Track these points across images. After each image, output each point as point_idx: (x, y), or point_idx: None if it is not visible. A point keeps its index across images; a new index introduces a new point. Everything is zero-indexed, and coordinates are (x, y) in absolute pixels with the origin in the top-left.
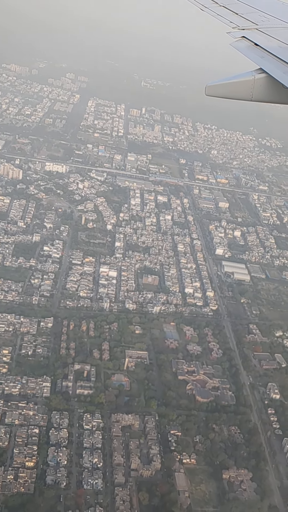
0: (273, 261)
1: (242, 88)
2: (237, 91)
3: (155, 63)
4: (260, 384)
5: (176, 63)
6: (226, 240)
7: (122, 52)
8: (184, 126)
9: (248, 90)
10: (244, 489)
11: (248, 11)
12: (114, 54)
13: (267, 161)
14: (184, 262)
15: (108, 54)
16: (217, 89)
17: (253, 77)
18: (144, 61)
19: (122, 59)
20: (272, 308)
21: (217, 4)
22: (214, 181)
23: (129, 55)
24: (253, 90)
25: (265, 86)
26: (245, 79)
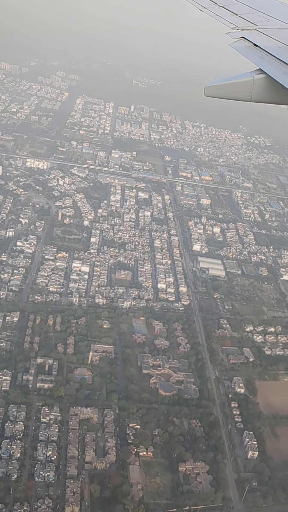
0: (251, 257)
1: (241, 88)
2: (236, 91)
3: (150, 62)
4: (226, 378)
5: (172, 62)
6: (204, 236)
7: (117, 51)
8: (173, 124)
9: (247, 90)
10: (200, 481)
11: (247, 11)
12: (109, 53)
13: (254, 158)
14: (160, 257)
15: (102, 53)
16: (216, 90)
17: (252, 78)
18: (138, 60)
19: (115, 58)
20: (245, 303)
21: (216, 4)
22: (198, 178)
23: (124, 54)
24: (252, 90)
25: (265, 87)
26: (244, 79)
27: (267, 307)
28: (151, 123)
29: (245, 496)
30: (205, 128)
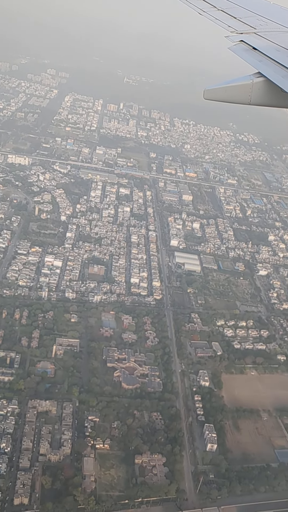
0: (228, 253)
1: (241, 92)
2: (236, 95)
3: (144, 62)
4: (192, 371)
5: (166, 63)
6: (183, 232)
7: (112, 51)
8: (161, 121)
9: (246, 94)
10: (155, 473)
11: (246, 15)
12: (103, 52)
13: (241, 155)
14: (135, 252)
15: (97, 52)
16: (215, 93)
17: (251, 81)
18: (133, 60)
19: (109, 57)
20: (219, 298)
21: (215, 8)
22: (182, 174)
23: (119, 54)
24: (251, 94)
25: (264, 90)
26: (243, 83)
27: (240, 301)
28: (139, 121)
29: (200, 488)
30: (194, 126)
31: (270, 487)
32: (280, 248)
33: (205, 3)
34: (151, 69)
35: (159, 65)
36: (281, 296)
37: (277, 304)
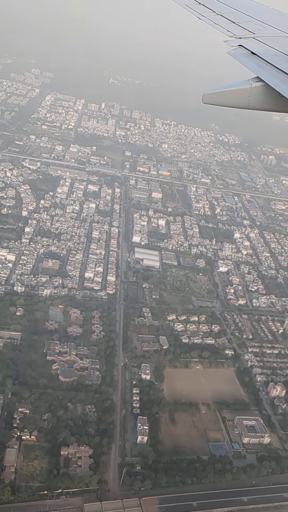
0: (191, 249)
1: (239, 96)
2: (234, 99)
3: (134, 63)
4: (135, 365)
5: (156, 65)
6: (147, 228)
7: (103, 53)
8: (142, 121)
9: (245, 98)
10: (79, 465)
11: (245, 20)
12: (92, 53)
13: (219, 155)
14: (94, 248)
15: (86, 53)
16: (214, 97)
17: (250, 86)
18: (123, 62)
19: (99, 58)
20: (174, 293)
21: (214, 12)
22: (155, 173)
23: (109, 55)
24: (250, 98)
25: (262, 95)
26: (242, 87)
27: (196, 297)
28: (119, 120)
29: (123, 479)
30: (174, 126)
31: (197, 479)
32: (245, 245)
33: (205, 8)
34: (140, 70)
35: (148, 67)
36: (238, 292)
37: (233, 300)
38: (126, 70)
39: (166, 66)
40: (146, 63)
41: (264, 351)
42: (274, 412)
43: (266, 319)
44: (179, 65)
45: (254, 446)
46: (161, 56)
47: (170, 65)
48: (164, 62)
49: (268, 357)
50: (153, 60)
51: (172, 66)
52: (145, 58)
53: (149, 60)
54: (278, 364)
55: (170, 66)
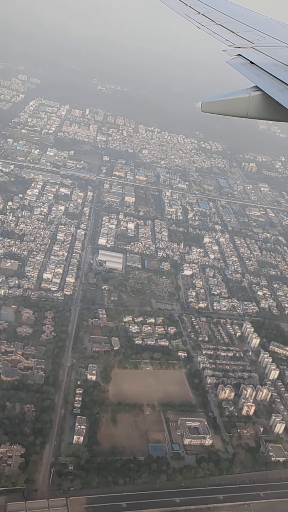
0: (157, 253)
1: (238, 105)
2: (233, 108)
3: (127, 71)
4: (82, 365)
5: (149, 73)
6: (115, 231)
7: (93, 60)
8: (125, 128)
9: (243, 107)
10: (9, 464)
11: (244, 29)
12: (85, 63)
13: (199, 162)
14: (57, 249)
15: (77, 61)
16: (213, 106)
17: (248, 95)
18: (114, 70)
19: (90, 66)
20: (134, 295)
21: (213, 22)
22: (132, 177)
23: (101, 64)
24: (248, 107)
25: (260, 104)
26: (240, 96)
27: (156, 299)
28: (102, 126)
29: (52, 479)
30: (158, 133)
31: (130, 480)
32: (213, 250)
33: (204, 17)
34: (131, 78)
35: (140, 75)
36: (200, 295)
37: (194, 303)
38: (117, 78)
39: (163, 75)
40: (137, 72)
41: (218, 354)
42: (221, 414)
43: (225, 322)
44: (171, 71)
45: (195, 448)
46: (153, 64)
47: (162, 72)
48: (156, 69)
49: (222, 359)
50: (144, 69)
51: (164, 72)
52: (136, 66)
53: (140, 69)
54: (231, 367)
55: (161, 72)
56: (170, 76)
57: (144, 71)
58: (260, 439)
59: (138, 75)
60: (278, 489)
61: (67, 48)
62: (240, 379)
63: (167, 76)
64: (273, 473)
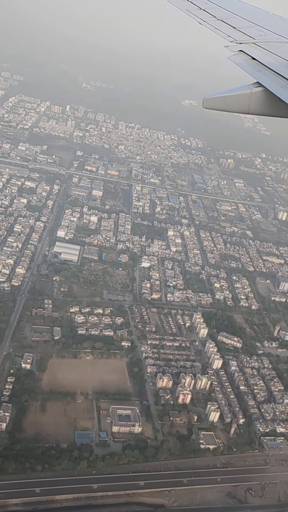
0: (117, 245)
1: (239, 101)
2: (234, 104)
3: (114, 71)
4: (19, 354)
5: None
6: (76, 224)
7: (81, 59)
8: (105, 124)
9: (245, 103)
10: None
11: (246, 25)
12: (74, 61)
13: (176, 158)
14: (11, 241)
15: (65, 59)
16: (214, 102)
17: (250, 91)
18: (102, 69)
19: (77, 64)
20: (86, 286)
21: (215, 18)
22: (103, 172)
23: (90, 63)
24: (250, 103)
25: (262, 100)
26: (242, 92)
27: (108, 290)
28: (81, 122)
29: None
30: (138, 129)
31: (49, 466)
32: (176, 242)
33: (205, 13)
34: (118, 77)
35: (128, 74)
36: (154, 287)
37: (147, 294)
38: (103, 76)
39: (145, 75)
40: (125, 71)
41: (164, 344)
42: (156, 402)
43: (176, 313)
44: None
45: (123, 435)
46: (140, 64)
47: (149, 73)
48: (151, 72)
49: (167, 349)
50: (132, 68)
51: (151, 74)
52: (125, 66)
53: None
54: (175, 356)
55: (149, 74)
56: (159, 76)
57: (133, 71)
58: (193, 427)
59: (127, 74)
60: (203, 476)
61: (58, 48)
62: (182, 368)
63: (156, 76)
64: (201, 461)
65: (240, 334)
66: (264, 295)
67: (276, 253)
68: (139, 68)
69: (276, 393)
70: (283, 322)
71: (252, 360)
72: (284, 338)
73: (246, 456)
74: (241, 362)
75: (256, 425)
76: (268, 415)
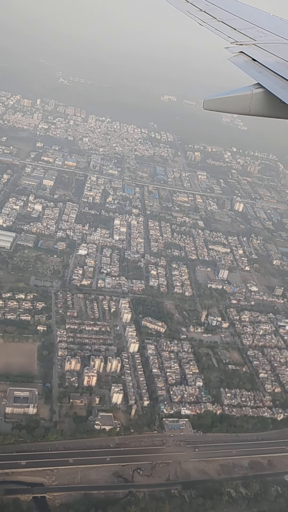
0: (57, 233)
1: (240, 102)
2: (235, 105)
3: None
4: None
5: (121, 68)
6: (18, 212)
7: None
8: (75, 117)
9: (245, 104)
10: None
11: (246, 26)
12: (57, 55)
13: (141, 150)
14: None
15: (50, 54)
16: (215, 103)
17: (250, 92)
18: (85, 64)
19: (61, 60)
20: (13, 272)
21: (215, 19)
22: (60, 163)
23: (75, 57)
24: (250, 104)
25: (263, 101)
26: (242, 93)
27: (37, 277)
28: (49, 115)
29: None
30: (108, 123)
31: None
32: (121, 231)
33: (206, 14)
34: (101, 73)
35: (110, 70)
36: (87, 274)
37: (77, 280)
38: (86, 71)
39: (128, 69)
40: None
41: (83, 328)
42: (60, 384)
43: (103, 298)
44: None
45: (16, 416)
46: (123, 59)
47: (132, 68)
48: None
49: (85, 333)
50: (115, 62)
51: (134, 69)
52: (108, 60)
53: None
54: (91, 340)
55: (132, 69)
56: (147, 72)
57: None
58: (93, 409)
59: (112, 70)
60: (92, 456)
61: (44, 42)
62: (96, 351)
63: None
64: (94, 441)
65: (166, 320)
66: (202, 282)
67: (224, 242)
68: (128, 63)
69: (190, 376)
70: (215, 308)
71: (172, 344)
72: (211, 323)
73: (143, 437)
74: (160, 346)
75: (161, 406)
76: (176, 397)
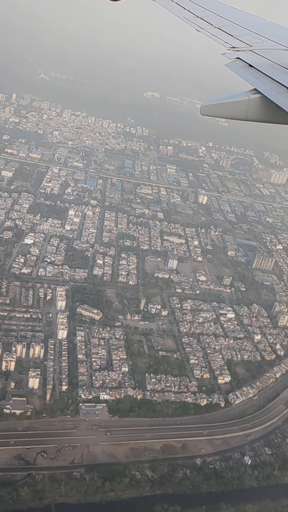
0: (5, 222)
1: (237, 108)
2: (232, 111)
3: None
4: None
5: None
6: None
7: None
8: (49, 112)
9: (242, 110)
10: None
11: (243, 32)
12: (42, 51)
13: (112, 144)
14: None
15: (35, 50)
16: (212, 109)
17: (247, 98)
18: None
19: (46, 56)
20: None
21: (212, 26)
22: (24, 155)
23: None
24: (247, 110)
25: (259, 106)
26: (239, 99)
27: None
28: (22, 109)
29: None
30: (83, 117)
31: None
32: (74, 222)
33: (203, 21)
34: (86, 69)
35: (97, 66)
36: (28, 262)
37: (16, 269)
38: (69, 68)
39: (113, 66)
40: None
41: (12, 315)
42: None
43: (41, 286)
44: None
45: None
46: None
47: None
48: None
49: (14, 320)
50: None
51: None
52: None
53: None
54: (18, 327)
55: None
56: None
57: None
58: (7, 393)
59: (98, 66)
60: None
61: (32, 38)
62: (21, 338)
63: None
64: (2, 425)
65: (103, 307)
66: (149, 271)
67: (180, 233)
68: (119, 60)
69: (116, 362)
70: (158, 297)
71: (104, 331)
72: (150, 311)
73: (54, 421)
74: (92, 333)
75: (79, 391)
76: (97, 383)
